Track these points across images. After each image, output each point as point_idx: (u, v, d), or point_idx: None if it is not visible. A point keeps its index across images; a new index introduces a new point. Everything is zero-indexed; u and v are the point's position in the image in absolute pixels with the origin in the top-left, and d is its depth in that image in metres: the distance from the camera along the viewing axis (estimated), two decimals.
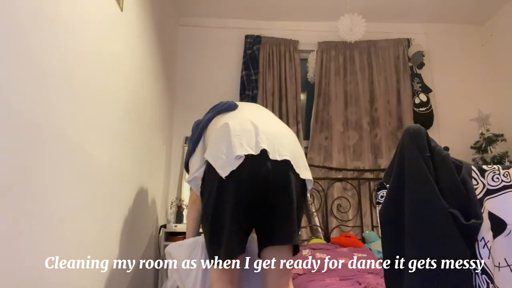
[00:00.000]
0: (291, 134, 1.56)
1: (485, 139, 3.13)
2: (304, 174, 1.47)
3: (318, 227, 3.01)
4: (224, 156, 1.37)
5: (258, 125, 1.46)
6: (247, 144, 1.37)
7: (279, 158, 1.38)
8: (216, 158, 1.39)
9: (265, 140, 1.40)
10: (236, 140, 1.39)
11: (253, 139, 1.39)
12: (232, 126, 1.44)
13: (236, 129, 1.43)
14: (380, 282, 1.95)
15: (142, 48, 2.34)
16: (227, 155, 1.37)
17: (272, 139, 1.42)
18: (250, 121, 1.47)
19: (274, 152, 1.39)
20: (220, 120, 1.59)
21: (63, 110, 1.35)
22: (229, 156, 1.36)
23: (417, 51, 3.38)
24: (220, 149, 1.40)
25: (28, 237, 1.15)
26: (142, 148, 2.33)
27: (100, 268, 1.67)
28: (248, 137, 1.40)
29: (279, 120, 1.68)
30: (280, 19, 3.55)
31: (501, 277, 0.96)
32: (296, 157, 1.47)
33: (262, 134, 1.42)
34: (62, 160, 1.34)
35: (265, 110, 1.70)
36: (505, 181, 1.03)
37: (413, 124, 1.16)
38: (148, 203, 2.47)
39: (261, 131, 1.43)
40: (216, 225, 1.37)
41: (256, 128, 1.43)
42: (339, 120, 3.30)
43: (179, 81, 3.40)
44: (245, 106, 1.70)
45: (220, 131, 1.47)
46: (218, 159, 1.38)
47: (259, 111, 1.64)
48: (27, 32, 1.15)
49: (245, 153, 1.35)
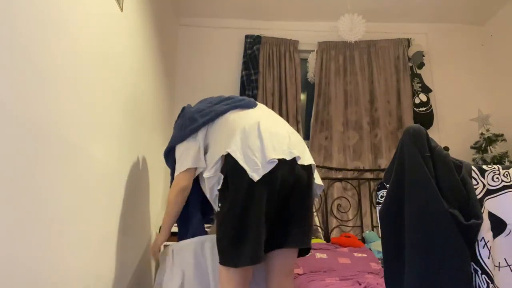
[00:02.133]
0: (298, 135, 1.56)
1: (485, 139, 3.13)
2: (318, 180, 1.49)
3: (318, 227, 3.01)
4: (256, 158, 1.31)
5: (285, 129, 1.44)
6: (279, 147, 1.34)
7: (306, 163, 1.38)
8: (246, 158, 1.32)
9: (295, 145, 1.39)
10: (269, 143, 1.34)
11: (286, 143, 1.37)
12: (263, 127, 1.39)
13: (267, 130, 1.38)
14: (380, 282, 1.95)
15: (142, 48, 2.34)
16: (260, 157, 1.31)
17: (297, 145, 1.41)
18: (277, 125, 1.45)
19: (303, 157, 1.38)
20: (239, 116, 1.51)
21: (62, 110, 1.35)
22: (263, 159, 1.31)
23: (417, 51, 3.38)
24: (251, 149, 1.33)
25: (27, 237, 1.15)
26: (142, 149, 2.33)
27: (99, 268, 1.67)
28: (281, 141, 1.37)
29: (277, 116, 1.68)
30: (280, 19, 3.54)
31: (501, 277, 0.97)
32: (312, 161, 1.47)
33: (292, 139, 1.40)
34: (61, 160, 1.34)
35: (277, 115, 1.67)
36: (505, 181, 1.03)
37: (413, 124, 1.16)
38: (148, 203, 2.47)
39: (290, 136, 1.41)
40: (242, 228, 1.30)
41: (286, 132, 1.41)
42: (339, 120, 3.30)
43: (179, 81, 3.40)
44: (261, 106, 1.66)
45: (250, 130, 1.39)
46: (249, 160, 1.31)
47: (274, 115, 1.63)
48: (26, 32, 1.15)
49: (279, 157, 1.31)
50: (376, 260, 2.44)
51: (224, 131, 1.52)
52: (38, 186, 1.20)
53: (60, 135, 1.33)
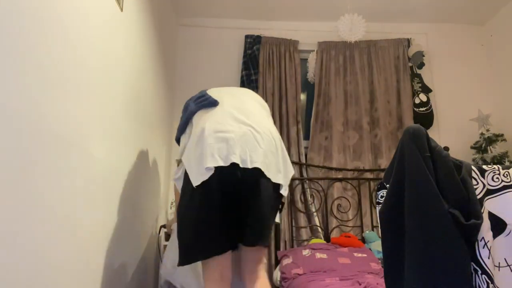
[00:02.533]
0: (270, 134, 1.57)
1: (485, 139, 3.13)
2: (276, 178, 1.51)
3: (318, 227, 3.01)
4: (195, 166, 1.45)
5: (234, 128, 1.49)
6: (218, 154, 1.42)
7: (250, 166, 1.43)
8: (189, 166, 1.48)
9: (238, 147, 1.44)
10: (209, 150, 1.44)
11: (225, 149, 1.43)
12: (207, 133, 1.49)
13: (211, 135, 1.47)
14: (380, 282, 1.95)
15: (142, 48, 2.34)
16: (198, 166, 1.44)
17: (245, 145, 1.46)
18: (227, 124, 1.51)
19: (246, 160, 1.43)
20: (202, 117, 1.62)
21: (62, 110, 1.35)
22: (200, 167, 1.43)
23: (417, 51, 3.38)
24: (194, 157, 1.48)
25: (27, 237, 1.15)
26: (142, 148, 2.33)
27: (100, 268, 1.67)
28: (220, 146, 1.44)
29: (262, 112, 1.70)
30: (280, 19, 3.54)
31: (501, 277, 0.96)
32: (269, 162, 1.50)
33: (236, 142, 1.45)
34: (61, 160, 1.34)
35: (249, 100, 1.71)
36: (505, 181, 1.03)
37: (413, 124, 1.16)
38: (148, 203, 2.47)
39: (236, 137, 1.46)
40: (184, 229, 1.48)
41: (230, 135, 1.46)
42: (339, 120, 3.30)
43: (179, 81, 3.40)
44: (227, 99, 1.68)
45: (197, 137, 1.52)
46: (190, 168, 1.47)
47: (242, 104, 1.65)
48: (26, 32, 1.15)
49: (215, 165, 1.41)
50: (376, 260, 2.44)
51: (190, 139, 1.64)
52: (37, 185, 1.20)
53: (60, 134, 1.33)
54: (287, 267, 2.39)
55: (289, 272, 2.33)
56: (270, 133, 1.58)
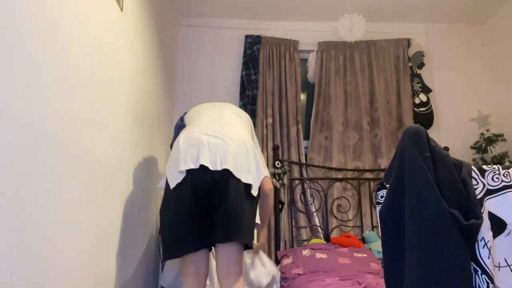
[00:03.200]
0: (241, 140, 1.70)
1: (485, 139, 3.13)
2: (246, 179, 1.62)
3: (318, 227, 3.01)
4: (172, 170, 1.62)
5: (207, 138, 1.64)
6: (190, 159, 1.58)
7: (219, 168, 1.55)
8: (168, 171, 1.64)
9: (208, 152, 1.58)
10: (182, 156, 1.60)
11: (195, 154, 1.59)
12: (182, 141, 1.65)
13: (185, 143, 1.64)
14: (380, 282, 1.95)
15: (142, 48, 2.34)
16: (174, 170, 1.60)
17: (215, 150, 1.60)
18: (201, 133, 1.67)
19: (215, 162, 1.56)
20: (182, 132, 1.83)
21: (63, 110, 1.35)
22: (175, 170, 1.59)
23: (417, 51, 3.38)
24: (170, 163, 1.65)
25: (27, 237, 1.15)
26: (142, 148, 2.33)
27: (100, 267, 1.67)
28: (192, 152, 1.60)
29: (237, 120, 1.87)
30: (280, 19, 3.54)
31: (501, 277, 0.97)
32: (239, 164, 1.61)
33: (206, 147, 1.60)
34: (61, 160, 1.34)
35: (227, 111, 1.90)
36: (505, 181, 1.03)
37: (413, 124, 1.16)
38: (148, 203, 2.47)
39: (206, 144, 1.60)
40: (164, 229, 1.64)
41: (201, 142, 1.62)
42: (339, 120, 3.30)
43: (179, 81, 3.40)
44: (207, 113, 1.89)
45: (174, 145, 1.68)
46: (169, 172, 1.63)
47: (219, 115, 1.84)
48: (26, 32, 1.15)
49: (187, 168, 1.56)
50: (376, 260, 2.44)
51: None
52: (39, 186, 1.20)
53: (61, 135, 1.34)
54: (287, 267, 2.39)
55: (289, 272, 2.33)
56: (241, 140, 1.70)
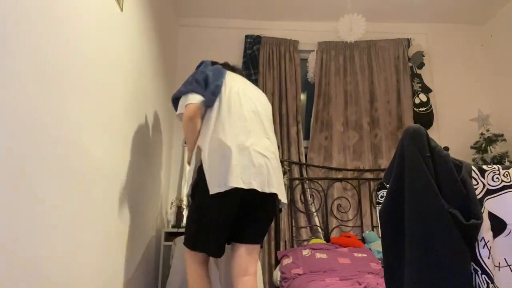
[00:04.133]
0: (276, 153, 1.81)
1: (485, 139, 3.13)
2: (283, 198, 1.78)
3: (318, 227, 3.01)
4: (217, 178, 1.63)
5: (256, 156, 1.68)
6: (241, 178, 1.61)
7: (267, 191, 1.65)
8: (211, 175, 1.64)
9: (258, 175, 1.64)
10: (234, 170, 1.61)
11: (247, 175, 1.63)
12: (234, 153, 1.65)
13: (235, 157, 1.64)
14: (380, 282, 1.95)
15: (142, 48, 2.34)
16: (220, 178, 1.62)
17: (263, 170, 1.67)
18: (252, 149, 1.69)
19: (264, 185, 1.65)
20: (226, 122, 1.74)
21: (62, 110, 1.35)
22: (223, 181, 1.61)
23: (417, 51, 3.38)
24: (218, 170, 1.64)
25: (27, 238, 1.15)
26: (142, 148, 2.33)
27: (100, 267, 1.67)
28: (243, 170, 1.63)
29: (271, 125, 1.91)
30: (280, 19, 3.55)
31: (501, 277, 0.97)
32: (279, 182, 1.75)
33: (256, 169, 1.65)
34: (61, 160, 1.34)
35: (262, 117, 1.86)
36: (505, 181, 1.03)
37: (413, 124, 1.16)
38: (148, 204, 2.47)
39: (258, 165, 1.66)
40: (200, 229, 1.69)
41: (252, 161, 1.66)
42: (339, 120, 3.30)
43: (179, 81, 3.38)
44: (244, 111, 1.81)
45: (224, 153, 1.66)
46: (212, 177, 1.63)
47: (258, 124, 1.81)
48: (26, 32, 1.15)
49: (237, 186, 1.60)
50: (376, 260, 2.44)
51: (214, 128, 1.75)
52: (38, 186, 1.20)
53: (61, 134, 1.34)
54: (287, 267, 2.39)
55: (289, 272, 2.33)
56: (276, 153, 1.82)
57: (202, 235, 1.70)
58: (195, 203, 1.75)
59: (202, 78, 1.84)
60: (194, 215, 1.74)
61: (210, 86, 1.80)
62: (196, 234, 1.72)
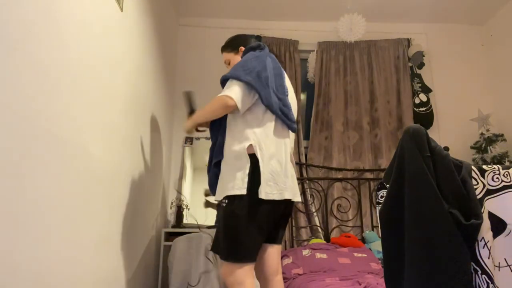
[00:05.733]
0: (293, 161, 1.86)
1: (485, 139, 3.13)
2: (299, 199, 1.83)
3: (318, 227, 3.01)
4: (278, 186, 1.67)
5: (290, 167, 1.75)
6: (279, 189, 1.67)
7: (295, 200, 1.74)
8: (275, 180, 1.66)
9: (290, 185, 1.71)
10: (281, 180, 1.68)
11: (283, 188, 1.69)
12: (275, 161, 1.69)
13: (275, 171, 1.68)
14: (380, 282, 1.95)
15: (142, 48, 2.34)
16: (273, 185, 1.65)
17: (292, 181, 1.74)
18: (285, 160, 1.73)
19: (294, 195, 1.73)
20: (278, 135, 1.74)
21: (62, 110, 1.35)
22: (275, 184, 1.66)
23: (417, 51, 3.38)
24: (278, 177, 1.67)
25: (27, 238, 1.15)
26: (142, 148, 2.33)
27: (99, 267, 1.67)
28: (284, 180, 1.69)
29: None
30: (280, 19, 3.54)
31: (501, 277, 0.97)
32: (298, 189, 1.82)
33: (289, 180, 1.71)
34: (62, 159, 1.34)
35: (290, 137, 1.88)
36: (505, 181, 1.03)
37: (413, 124, 1.16)
38: (148, 203, 2.47)
39: (290, 176, 1.73)
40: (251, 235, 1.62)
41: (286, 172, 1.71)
42: (339, 120, 3.30)
43: (179, 81, 3.40)
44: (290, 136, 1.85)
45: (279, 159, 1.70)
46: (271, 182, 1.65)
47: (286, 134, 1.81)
48: (25, 32, 1.15)
49: (278, 198, 1.65)
50: (376, 260, 2.44)
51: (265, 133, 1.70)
52: (38, 186, 1.20)
53: (61, 134, 1.34)
54: (287, 267, 2.39)
55: (289, 272, 2.33)
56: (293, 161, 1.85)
57: (249, 242, 1.61)
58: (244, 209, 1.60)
59: (264, 76, 1.71)
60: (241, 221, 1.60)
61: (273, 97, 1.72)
62: (243, 243, 1.60)
